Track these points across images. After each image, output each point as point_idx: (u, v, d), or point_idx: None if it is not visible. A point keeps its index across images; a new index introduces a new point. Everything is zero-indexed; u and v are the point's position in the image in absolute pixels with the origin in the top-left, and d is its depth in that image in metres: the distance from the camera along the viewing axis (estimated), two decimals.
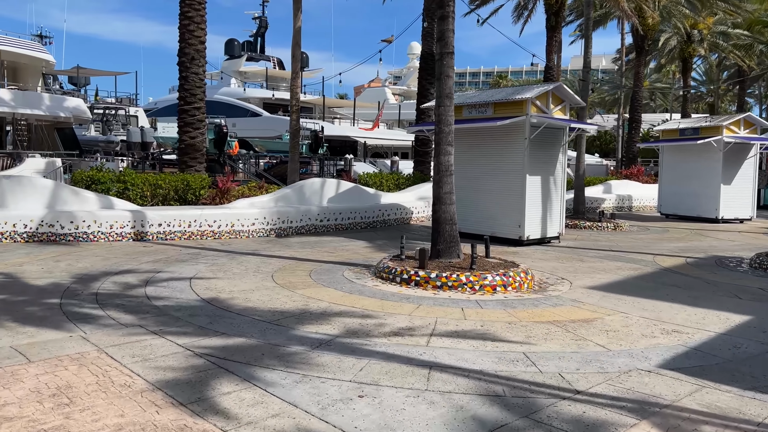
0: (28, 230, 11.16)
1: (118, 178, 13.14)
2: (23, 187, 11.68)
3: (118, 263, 9.59)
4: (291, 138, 20.46)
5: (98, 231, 11.72)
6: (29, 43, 25.41)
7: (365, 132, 42.07)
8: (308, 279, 8.85)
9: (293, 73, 19.99)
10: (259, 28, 49.73)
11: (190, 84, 14.72)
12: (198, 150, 15.01)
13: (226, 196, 14.39)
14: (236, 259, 10.36)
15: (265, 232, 13.61)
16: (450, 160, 9.46)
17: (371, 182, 18.54)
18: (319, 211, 14.75)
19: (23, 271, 8.60)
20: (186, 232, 12.58)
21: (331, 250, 11.90)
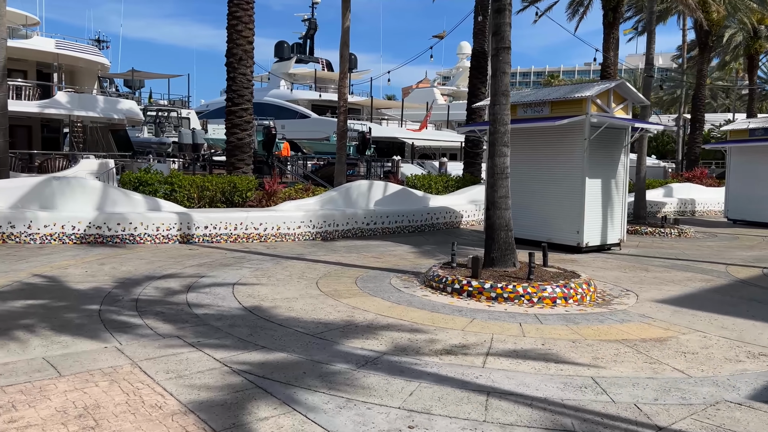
0: (76, 232, 11.17)
1: (165, 179, 13.08)
2: (72, 188, 11.72)
3: (162, 267, 9.41)
4: (338, 139, 20.19)
5: (145, 233, 11.64)
6: (86, 47, 26.05)
7: (413, 133, 41.58)
8: (354, 287, 8.42)
9: (341, 74, 19.70)
10: (309, 30, 49.95)
11: (238, 85, 14.58)
12: (245, 151, 14.86)
13: (272, 199, 14.16)
14: (281, 264, 10.04)
15: (311, 236, 13.30)
16: (506, 162, 8.86)
17: (419, 184, 18.03)
18: (365, 215, 14.34)
19: (67, 275, 8.50)
20: (232, 235, 12.38)
21: (377, 255, 11.46)
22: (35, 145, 25.84)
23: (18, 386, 4.44)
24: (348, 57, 19.83)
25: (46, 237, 10.99)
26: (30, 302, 6.89)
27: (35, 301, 6.93)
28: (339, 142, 20.02)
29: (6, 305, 6.73)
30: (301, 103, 43.88)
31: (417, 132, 42.54)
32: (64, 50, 24.68)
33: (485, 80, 21.26)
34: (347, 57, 19.75)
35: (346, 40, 19.43)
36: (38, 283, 7.92)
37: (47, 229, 11.00)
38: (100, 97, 25.42)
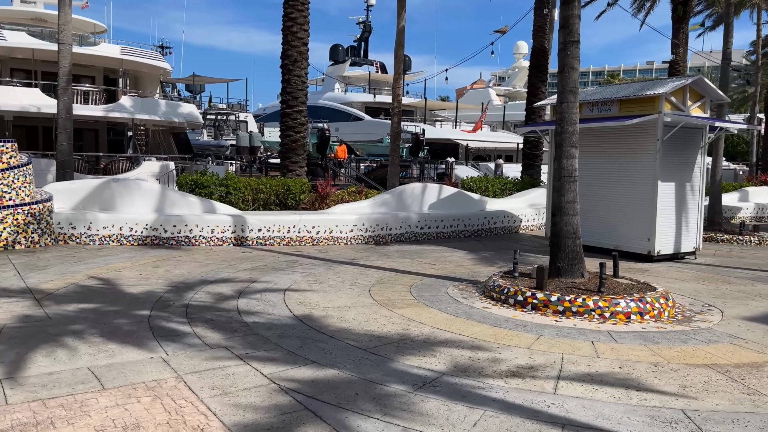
0: (133, 234, 11.20)
1: (220, 182, 13.02)
2: (131, 190, 11.78)
3: (215, 270, 9.25)
4: (391, 141, 19.81)
5: (200, 235, 11.57)
6: (149, 53, 26.68)
7: (467, 134, 40.79)
8: (408, 296, 7.97)
9: (395, 75, 19.32)
10: (363, 33, 49.93)
11: (292, 87, 14.41)
12: (299, 154, 14.67)
13: (325, 201, 13.91)
14: (333, 269, 9.71)
15: (363, 239, 12.94)
16: (574, 164, 8.21)
17: (475, 187, 17.42)
18: (419, 218, 13.88)
19: (121, 277, 8.42)
20: (285, 238, 12.17)
21: (432, 261, 10.97)
22: (101, 148, 26.68)
23: (59, 400, 4.22)
24: (402, 58, 19.43)
25: (104, 238, 11.07)
26: (83, 306, 6.78)
27: (88, 305, 6.82)
28: (392, 144, 19.64)
29: (60, 309, 6.64)
30: (354, 105, 43.84)
31: (471, 133, 41.72)
32: (129, 56, 25.35)
33: (545, 79, 20.44)
34: (402, 58, 19.36)
35: (401, 40, 19.05)
36: (93, 285, 7.85)
37: (106, 230, 11.08)
38: (162, 101, 25.98)
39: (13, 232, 10.18)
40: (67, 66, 13.47)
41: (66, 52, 13.43)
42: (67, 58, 13.47)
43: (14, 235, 10.19)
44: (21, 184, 10.45)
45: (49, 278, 8.11)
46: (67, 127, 13.53)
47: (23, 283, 7.78)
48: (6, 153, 10.39)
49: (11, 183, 10.31)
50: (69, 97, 13.54)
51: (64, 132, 13.47)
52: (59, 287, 7.64)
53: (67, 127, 13.54)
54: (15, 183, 10.36)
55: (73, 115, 22.38)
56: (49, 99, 22.34)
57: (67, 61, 13.44)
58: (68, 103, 13.54)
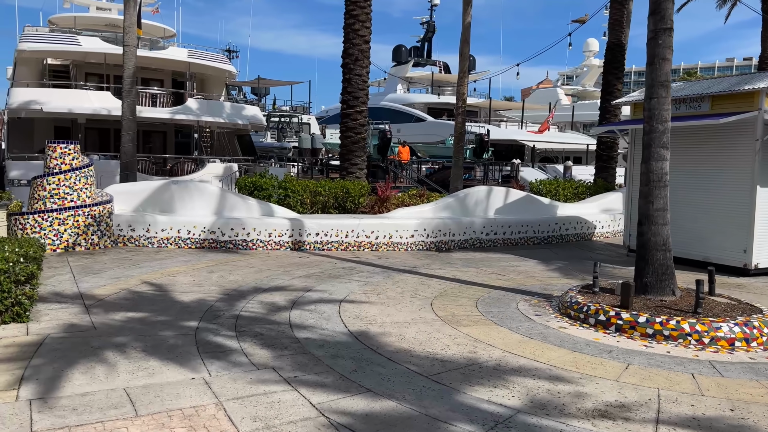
0: (191, 236, 11.01)
1: (279, 184, 12.70)
2: (190, 192, 11.62)
3: (270, 277, 8.84)
4: (455, 142, 19.07)
5: (257, 239, 11.26)
6: (215, 56, 27.03)
7: (534, 135, 39.32)
8: (474, 311, 7.26)
9: (460, 73, 18.58)
10: (427, 33, 49.24)
11: (353, 86, 13.94)
12: (359, 155, 14.19)
13: (385, 205, 13.35)
14: (392, 278, 9.11)
15: (424, 245, 12.28)
16: (664, 168, 7.26)
17: (545, 191, 16.41)
18: (484, 224, 13.08)
19: (174, 283, 8.14)
20: (343, 243, 11.69)
21: (499, 271, 10.18)
22: (169, 150, 27.27)
23: (87, 428, 3.80)
24: (468, 55, 18.66)
25: (163, 241, 10.93)
26: (130, 315, 6.47)
27: (136, 314, 6.51)
28: (456, 145, 18.90)
29: (107, 318, 6.35)
30: (417, 106, 43.19)
31: (538, 134, 40.19)
32: (195, 59, 25.75)
33: (621, 76, 19.13)
34: (467, 55, 18.59)
35: (466, 37, 18.29)
36: (144, 292, 7.59)
37: (164, 233, 10.94)
38: (227, 103, 26.24)
39: (73, 234, 10.17)
40: (132, 68, 13.54)
41: (131, 54, 13.50)
42: (132, 60, 13.54)
43: (75, 237, 10.17)
44: (83, 186, 10.44)
45: (102, 283, 7.92)
46: (131, 128, 13.60)
47: (76, 287, 7.60)
48: (69, 155, 10.41)
49: (73, 184, 10.31)
50: (133, 99, 13.61)
51: (128, 133, 13.54)
52: (110, 293, 7.41)
53: (131, 128, 13.61)
54: (77, 184, 10.36)
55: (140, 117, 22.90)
56: (119, 102, 22.93)
57: (131, 63, 13.51)
58: (132, 104, 13.61)
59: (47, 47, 23.26)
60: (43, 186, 10.16)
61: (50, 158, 10.33)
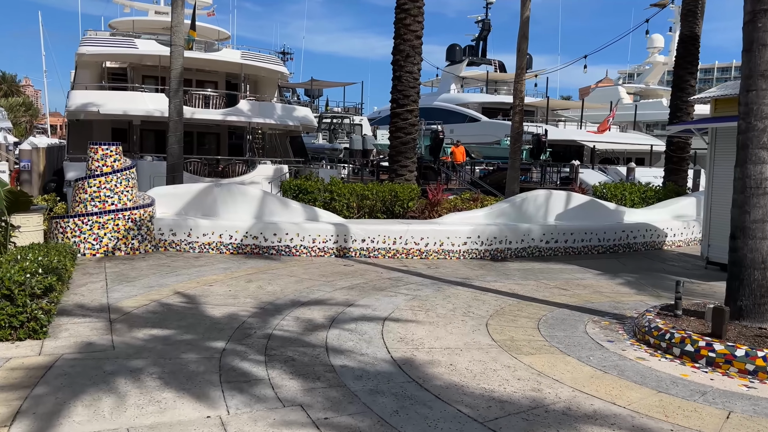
0: (233, 242, 10.51)
1: (325, 187, 12.08)
2: (233, 196, 11.14)
3: (311, 288, 8.18)
4: (512, 142, 18.01)
5: (300, 245, 10.66)
6: (267, 57, 26.85)
7: (594, 135, 37.48)
8: (536, 334, 6.34)
9: (518, 70, 17.51)
10: (482, 32, 47.93)
11: (404, 84, 13.17)
12: (409, 157, 13.41)
13: (435, 209, 12.51)
14: (443, 291, 8.28)
15: (478, 254, 11.37)
16: (765, 172, 6.13)
17: (609, 195, 15.16)
18: (544, 231, 12.03)
19: (208, 294, 7.58)
20: (390, 250, 10.93)
21: (561, 284, 9.18)
22: (222, 151, 27.30)
23: None
24: (526, 51, 17.57)
25: (204, 246, 10.48)
26: (154, 332, 5.92)
27: (160, 332, 5.95)
28: (513, 146, 17.83)
29: (129, 336, 5.81)
30: (470, 106, 42.00)
31: (598, 134, 38.29)
32: (248, 60, 25.62)
33: (695, 71, 17.58)
34: (525, 51, 17.50)
35: (524, 32, 17.20)
36: (175, 304, 7.05)
37: (206, 237, 10.48)
38: (278, 104, 26.01)
39: (113, 238, 9.83)
40: (179, 68, 13.24)
41: (178, 54, 13.20)
42: (179, 60, 13.23)
43: (114, 241, 9.84)
44: (124, 189, 10.10)
45: (133, 293, 7.45)
46: (177, 129, 13.30)
47: (105, 298, 7.15)
48: (111, 156, 10.09)
49: (114, 187, 9.98)
50: (180, 100, 13.30)
51: (174, 134, 13.24)
52: (139, 305, 6.90)
53: (177, 129, 13.31)
54: (118, 187, 10.03)
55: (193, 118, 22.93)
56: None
57: (178, 63, 13.21)
58: (179, 105, 13.30)
59: (105, 50, 23.61)
60: (84, 189, 9.88)
61: (92, 160, 10.04)
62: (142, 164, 20.91)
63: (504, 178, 24.64)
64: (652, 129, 47.69)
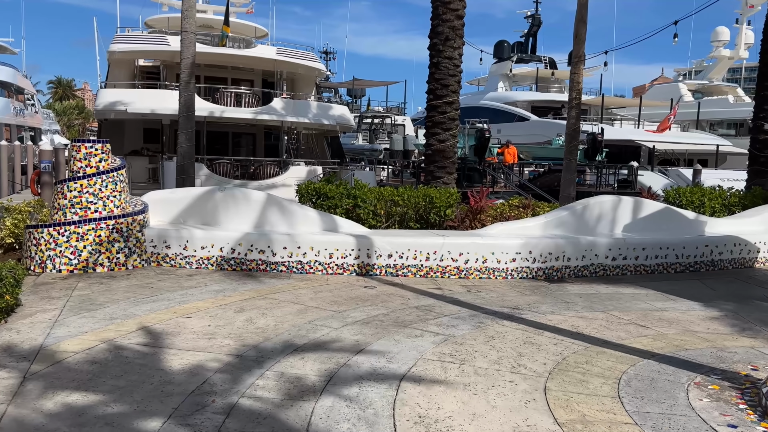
0: (236, 256, 8.80)
1: (348, 192, 10.24)
2: (236, 202, 9.44)
3: (315, 322, 6.35)
4: (567, 141, 15.75)
5: (315, 261, 8.86)
6: (304, 54, 25.30)
7: (654, 135, 34.42)
8: (618, 409, 4.31)
9: (574, 58, 15.25)
10: (531, 27, 45.25)
11: (442, 72, 11.18)
12: (448, 156, 11.41)
13: (478, 218, 10.49)
14: (484, 329, 6.30)
15: (528, 272, 9.31)
16: None
17: (685, 201, 12.74)
18: (610, 245, 9.84)
19: (180, 331, 5.85)
20: (422, 268, 9.00)
21: (639, 318, 7.04)
22: (258, 152, 25.96)
23: None
24: (584, 38, 15.29)
25: (202, 261, 8.81)
26: (72, 399, 4.19)
27: (81, 397, 4.22)
28: (568, 145, 15.57)
29: (33, 405, 4.09)
30: (519, 104, 39.52)
31: (658, 133, 35.18)
32: (284, 57, 24.13)
33: None
34: (583, 38, 15.23)
35: (583, 15, 14.92)
36: (128, 347, 5.33)
37: (204, 251, 8.81)
38: (313, 103, 24.41)
39: (95, 252, 8.27)
40: (190, 57, 11.69)
41: (189, 42, 11.65)
42: (190, 49, 11.68)
43: (96, 255, 8.27)
44: (110, 193, 8.54)
45: (85, 329, 5.78)
46: (187, 126, 11.75)
47: (44, 337, 5.49)
48: (95, 155, 8.55)
49: (98, 191, 8.43)
50: (191, 94, 11.75)
51: (184, 132, 11.70)
52: (82, 349, 5.21)
53: (188, 126, 11.75)
54: (102, 191, 8.47)
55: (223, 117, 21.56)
56: (204, 102, 21.73)
57: (189, 52, 11.66)
58: (189, 99, 11.74)
59: (137, 48, 22.57)
60: (64, 193, 8.36)
61: (74, 160, 8.52)
62: (169, 165, 19.66)
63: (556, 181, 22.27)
64: (716, 128, 43.91)
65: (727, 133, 43.15)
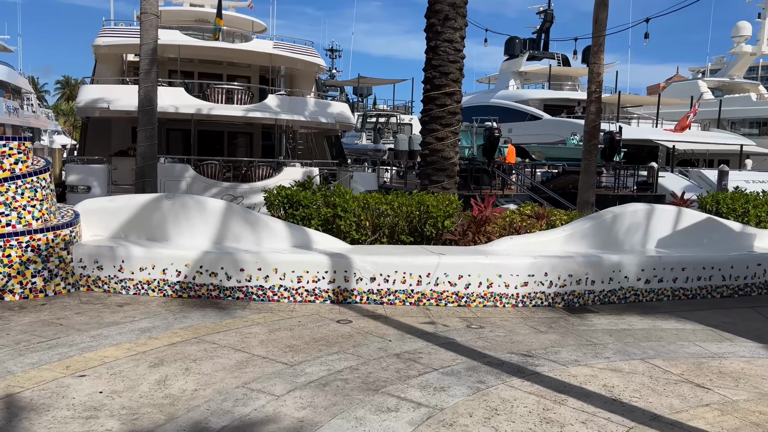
0: (181, 280, 7.07)
1: (326, 199, 8.47)
2: (188, 212, 7.71)
3: (251, 384, 4.60)
4: (586, 140, 13.92)
5: (279, 286, 7.11)
6: (302, 48, 23.56)
7: (673, 134, 32.31)
8: None
9: (594, 46, 13.42)
10: (544, 23, 43.15)
11: (440, 57, 9.35)
12: (448, 157, 9.58)
13: (483, 230, 8.68)
14: (485, 395, 4.51)
15: (543, 299, 7.49)
16: None
17: (725, 209, 10.83)
18: (642, 264, 7.98)
19: (54, 403, 4.12)
20: (413, 294, 7.23)
21: (692, 371, 5.22)
22: (255, 153, 24.31)
23: None
24: (605, 23, 13.46)
25: (141, 285, 7.10)
26: None
27: None
28: (587, 144, 13.73)
29: None
30: (531, 103, 37.49)
31: (677, 133, 33.07)
32: (281, 51, 22.42)
33: None
34: (604, 23, 13.40)
35: None
36: None
37: (144, 273, 7.09)
38: (310, 100, 22.67)
39: (3, 276, 6.58)
40: (151, 42, 9.98)
41: (149, 25, 9.95)
42: (151, 33, 9.98)
43: (4, 279, 6.58)
44: (27, 202, 6.86)
45: None
46: (148, 122, 10.05)
47: None
48: (9, 156, 6.86)
49: (10, 200, 6.75)
50: (152, 84, 10.03)
51: (144, 129, 10.00)
52: None
53: (149, 122, 10.05)
54: (17, 200, 6.79)
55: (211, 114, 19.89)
56: (191, 99, 20.10)
57: (150, 36, 9.95)
58: (150, 91, 10.03)
59: (122, 41, 20.94)
60: None
61: None
62: None
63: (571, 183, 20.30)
64: (738, 127, 41.55)
65: (750, 132, 40.83)
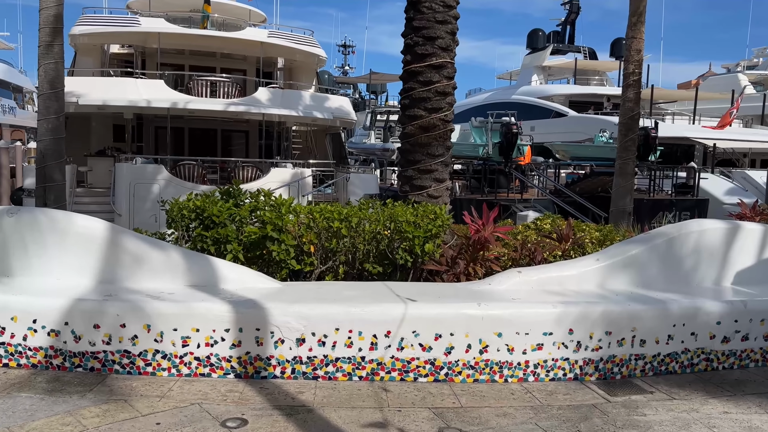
0: (27, 345, 4.56)
1: (258, 214, 5.90)
2: (40, 234, 5.17)
3: None
4: (621, 134, 11.15)
5: (155, 350, 4.57)
6: (300, 38, 21.13)
7: (713, 132, 28.97)
8: None
9: (632, 17, 10.71)
10: (569, 15, 40.00)
11: (424, 17, 6.63)
12: (435, 153, 6.85)
13: (480, 257, 5.98)
14: None
15: (567, 370, 4.80)
16: None
17: None
18: (721, 313, 5.21)
19: None
20: (363, 364, 4.62)
21: None
22: (252, 152, 22.00)
23: None
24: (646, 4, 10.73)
25: None
26: None
27: None
28: (623, 139, 10.95)
29: None
30: (555, 99, 34.49)
31: (718, 130, 29.70)
32: (277, 40, 20.01)
33: None
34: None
35: None
36: None
37: None
38: (305, 93, 20.20)
39: None
40: (52, 8, 7.54)
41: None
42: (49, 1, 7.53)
43: None
44: None
45: None
46: (50, 110, 7.60)
47: None
48: None
49: None
50: (54, 62, 7.59)
51: (45, 120, 7.56)
52: None
53: (50, 112, 7.60)
54: None
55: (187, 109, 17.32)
56: (173, 92, 17.82)
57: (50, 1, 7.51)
58: (52, 70, 7.58)
59: (102, 30, 18.77)
60: None
61: None
62: (121, 169, 15.83)
63: (601, 186, 17.42)
64: None
65: None
